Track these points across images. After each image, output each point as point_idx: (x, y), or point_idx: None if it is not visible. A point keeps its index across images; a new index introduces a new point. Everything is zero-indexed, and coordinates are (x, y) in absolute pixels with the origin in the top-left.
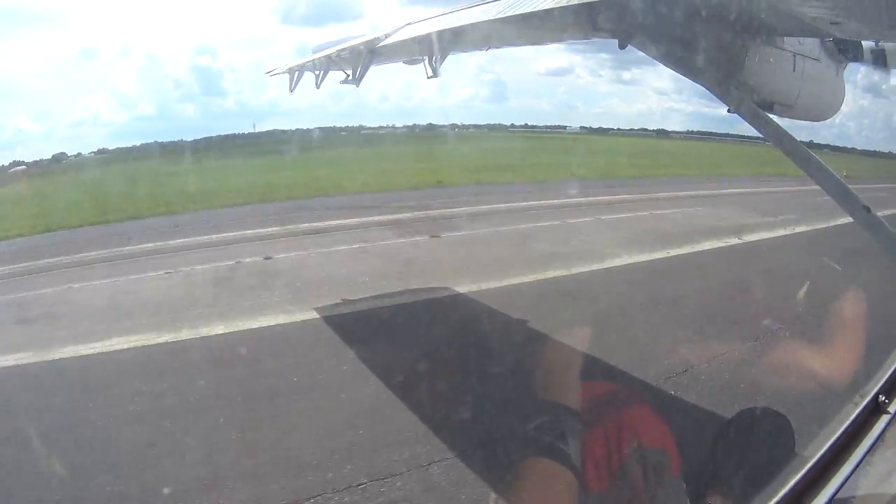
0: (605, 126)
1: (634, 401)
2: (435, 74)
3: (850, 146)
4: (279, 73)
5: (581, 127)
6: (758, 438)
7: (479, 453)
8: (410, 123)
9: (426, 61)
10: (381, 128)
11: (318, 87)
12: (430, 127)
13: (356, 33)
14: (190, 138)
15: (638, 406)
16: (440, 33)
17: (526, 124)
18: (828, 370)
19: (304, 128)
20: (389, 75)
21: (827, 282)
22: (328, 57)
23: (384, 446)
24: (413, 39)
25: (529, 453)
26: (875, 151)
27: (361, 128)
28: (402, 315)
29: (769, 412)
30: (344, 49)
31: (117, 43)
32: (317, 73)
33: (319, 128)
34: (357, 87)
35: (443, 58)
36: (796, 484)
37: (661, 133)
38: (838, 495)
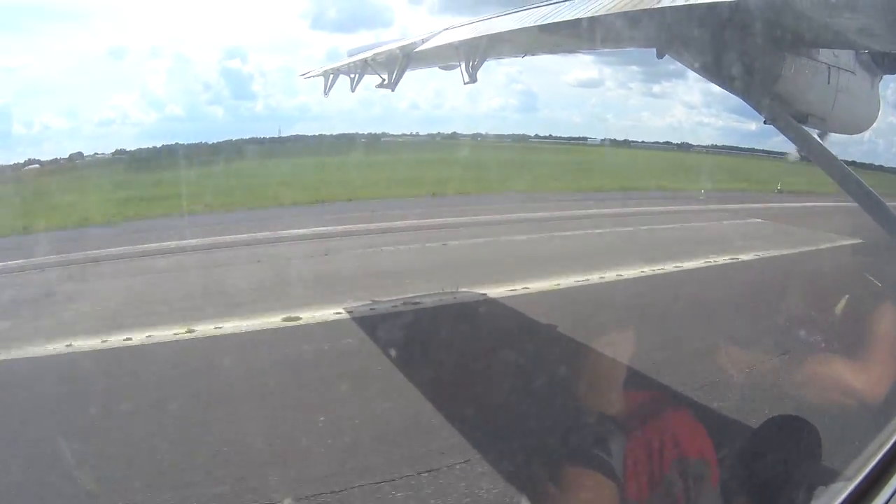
0: (632, 139)
1: (675, 409)
2: (472, 80)
3: (878, 163)
4: (314, 76)
5: (604, 139)
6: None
7: None
8: (435, 132)
9: (463, 67)
10: (403, 135)
11: (353, 91)
12: (453, 136)
13: (387, 39)
14: (213, 141)
15: (679, 414)
16: (479, 39)
17: (550, 135)
18: None
19: (329, 133)
20: (421, 84)
21: None
22: (364, 60)
23: None
24: (451, 45)
25: (571, 461)
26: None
27: (384, 135)
28: None
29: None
30: (381, 53)
31: (146, 43)
32: (352, 76)
33: (342, 134)
34: (392, 91)
35: (480, 64)
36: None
37: (684, 146)
38: None
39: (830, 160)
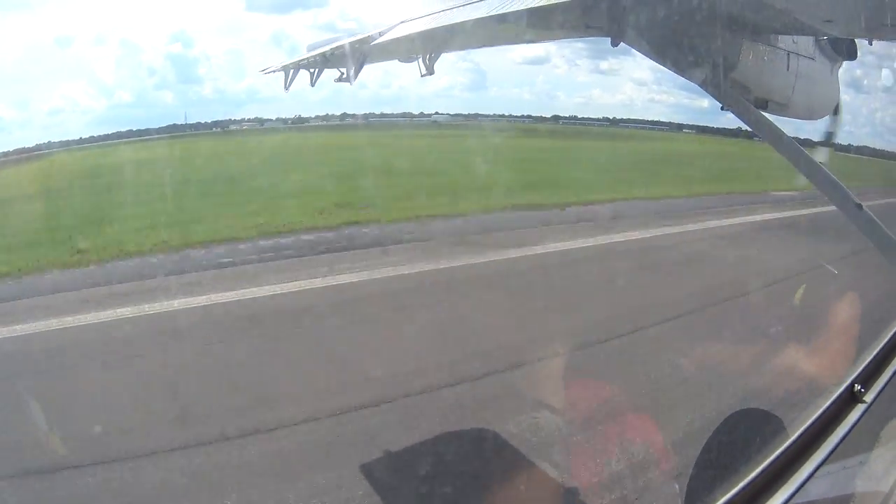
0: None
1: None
2: (429, 72)
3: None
4: (274, 72)
5: (454, 115)
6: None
7: None
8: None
9: (420, 60)
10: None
11: (312, 85)
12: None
13: (323, 21)
14: (162, 125)
15: (628, 410)
16: (434, 31)
17: (436, 112)
18: None
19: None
20: (373, 68)
21: None
22: (323, 55)
23: None
24: (407, 37)
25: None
26: (849, 146)
27: (269, 120)
28: None
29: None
30: (339, 47)
31: (91, 30)
32: (311, 71)
33: (229, 119)
34: (351, 84)
35: (436, 56)
36: (766, 468)
37: (570, 120)
38: (809, 483)
39: (789, 146)
